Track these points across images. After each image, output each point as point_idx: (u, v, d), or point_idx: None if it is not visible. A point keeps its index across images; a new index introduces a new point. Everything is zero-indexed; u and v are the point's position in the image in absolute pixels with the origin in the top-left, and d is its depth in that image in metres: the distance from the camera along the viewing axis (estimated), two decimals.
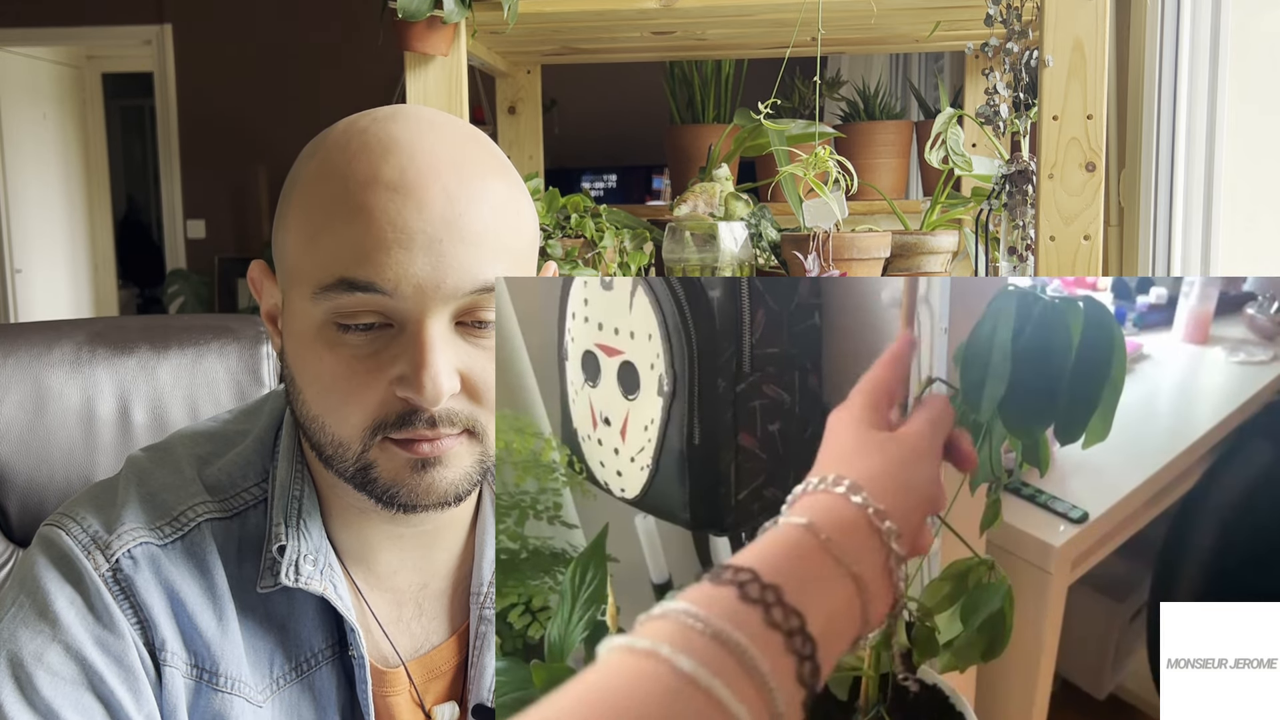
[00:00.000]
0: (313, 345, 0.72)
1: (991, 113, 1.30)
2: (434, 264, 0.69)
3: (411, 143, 0.71)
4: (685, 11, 1.43)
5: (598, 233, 1.53)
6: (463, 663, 0.85)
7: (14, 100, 5.82)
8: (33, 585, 0.75)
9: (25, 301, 5.85)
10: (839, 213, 1.36)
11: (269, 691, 0.79)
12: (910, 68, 3.41)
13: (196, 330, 1.19)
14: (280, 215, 0.75)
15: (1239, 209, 1.63)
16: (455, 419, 0.72)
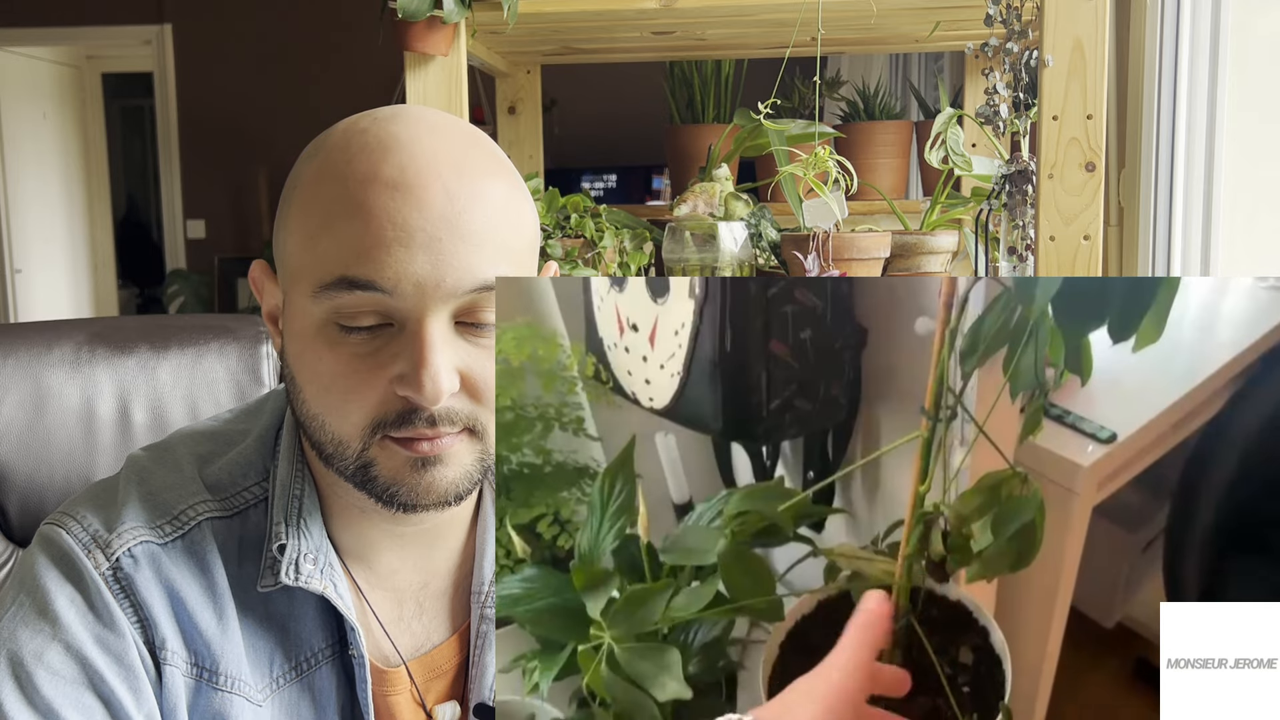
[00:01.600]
0: (313, 344, 0.72)
1: (991, 113, 1.30)
2: (434, 262, 0.69)
3: (412, 142, 0.71)
4: (685, 11, 1.43)
5: (597, 233, 1.53)
6: (464, 662, 0.85)
7: (14, 100, 5.81)
8: (33, 584, 0.75)
9: (25, 301, 5.85)
10: (839, 213, 1.36)
11: (269, 690, 0.79)
12: (910, 68, 3.41)
13: (196, 330, 1.19)
14: (281, 216, 0.76)
15: (1239, 209, 1.63)
16: (455, 418, 0.72)
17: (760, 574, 0.72)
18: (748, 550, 0.72)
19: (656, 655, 0.69)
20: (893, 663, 0.73)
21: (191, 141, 5.77)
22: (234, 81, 5.64)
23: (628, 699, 0.69)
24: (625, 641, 0.70)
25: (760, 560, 0.73)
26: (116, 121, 8.27)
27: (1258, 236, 1.65)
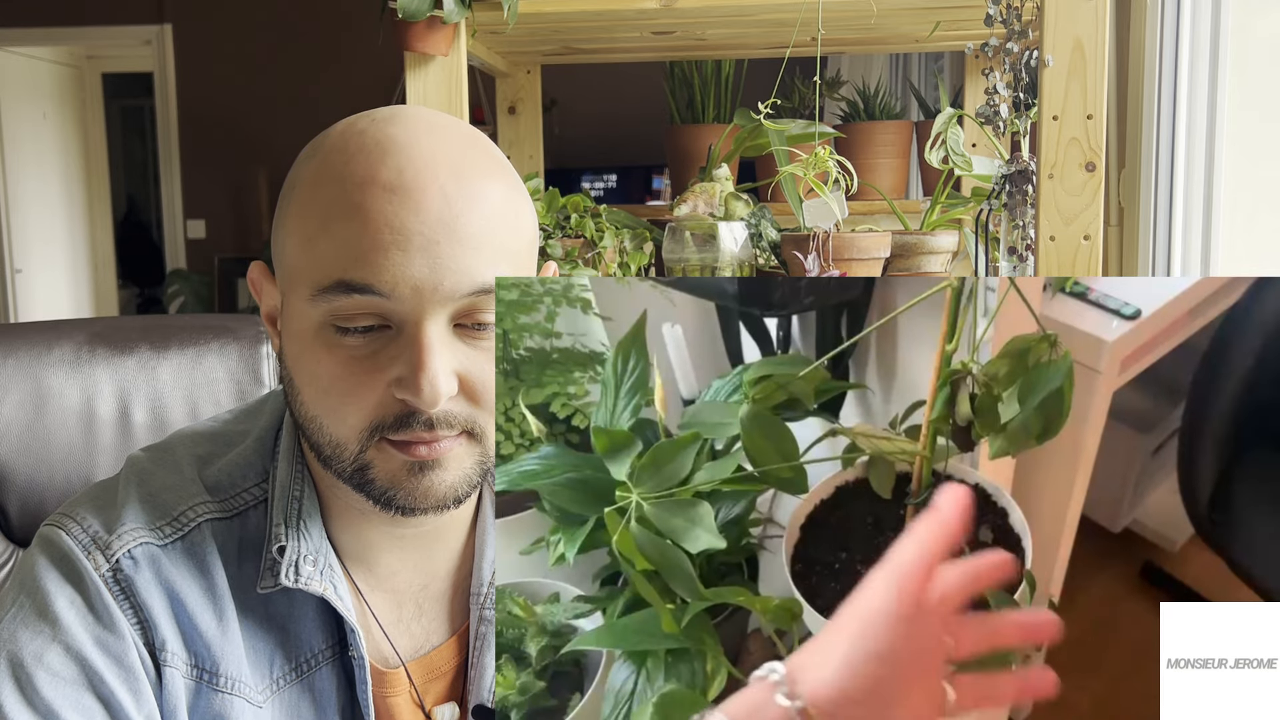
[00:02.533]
0: (311, 346, 0.72)
1: (991, 113, 1.30)
2: (431, 266, 0.69)
3: (409, 144, 0.71)
4: (685, 11, 1.43)
5: (598, 233, 1.53)
6: (463, 663, 0.85)
7: (14, 100, 5.81)
8: (33, 585, 0.75)
9: (25, 301, 5.85)
10: (839, 213, 1.36)
11: (269, 692, 0.79)
12: (910, 68, 3.41)
13: (196, 330, 1.19)
14: (279, 217, 0.75)
15: (1239, 209, 1.63)
16: (454, 421, 0.72)
17: (784, 440, 0.71)
18: (770, 415, 0.71)
19: (687, 509, 0.69)
20: None
21: (191, 141, 5.77)
22: (234, 81, 5.64)
23: (660, 554, 0.68)
24: (653, 498, 0.70)
25: (783, 426, 0.71)
26: (116, 121, 8.26)
27: (1258, 236, 1.65)
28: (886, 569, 0.57)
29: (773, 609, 0.67)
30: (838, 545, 0.75)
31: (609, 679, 0.71)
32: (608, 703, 0.70)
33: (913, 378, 0.83)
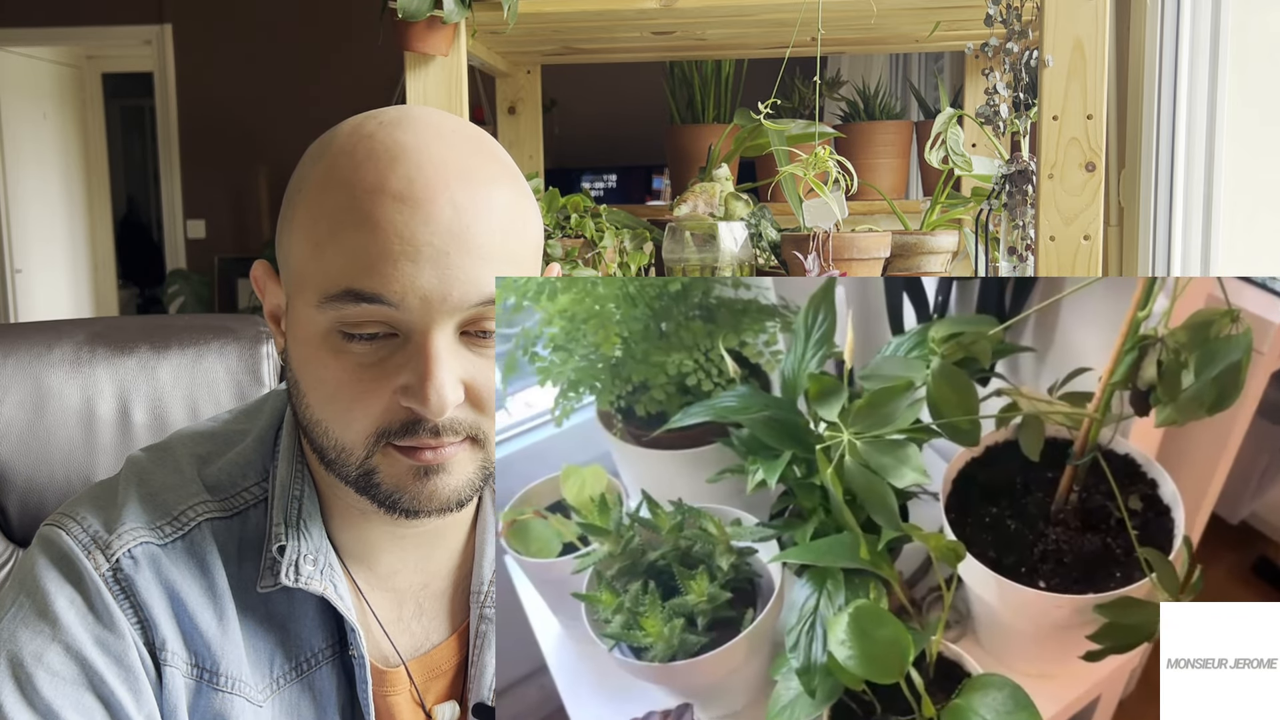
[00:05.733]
0: (317, 352, 0.72)
1: (991, 113, 1.30)
2: (440, 277, 0.69)
3: (419, 151, 0.70)
4: (685, 11, 1.43)
5: (598, 233, 1.53)
6: (463, 662, 0.85)
7: (14, 100, 5.81)
8: (33, 585, 0.75)
9: (25, 301, 5.85)
10: (839, 213, 1.36)
11: (269, 691, 0.79)
12: (910, 68, 3.41)
13: (196, 330, 1.19)
14: (285, 217, 0.75)
15: (1239, 209, 1.63)
16: (459, 428, 0.73)
17: (967, 394, 0.76)
18: (957, 370, 0.76)
19: (897, 449, 0.75)
20: (1073, 501, 0.76)
21: (191, 141, 5.77)
22: (234, 81, 5.64)
23: (869, 487, 0.75)
24: (866, 437, 0.76)
25: (968, 381, 0.76)
26: (116, 121, 8.26)
27: (1258, 236, 1.65)
28: None
29: (944, 547, 0.75)
30: (987, 499, 0.81)
31: (791, 596, 0.79)
32: (791, 614, 0.78)
33: (1073, 346, 0.87)
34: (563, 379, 1.00)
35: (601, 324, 0.96)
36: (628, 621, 0.87)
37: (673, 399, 0.96)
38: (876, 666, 0.70)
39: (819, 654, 0.74)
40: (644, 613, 0.86)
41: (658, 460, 1.00)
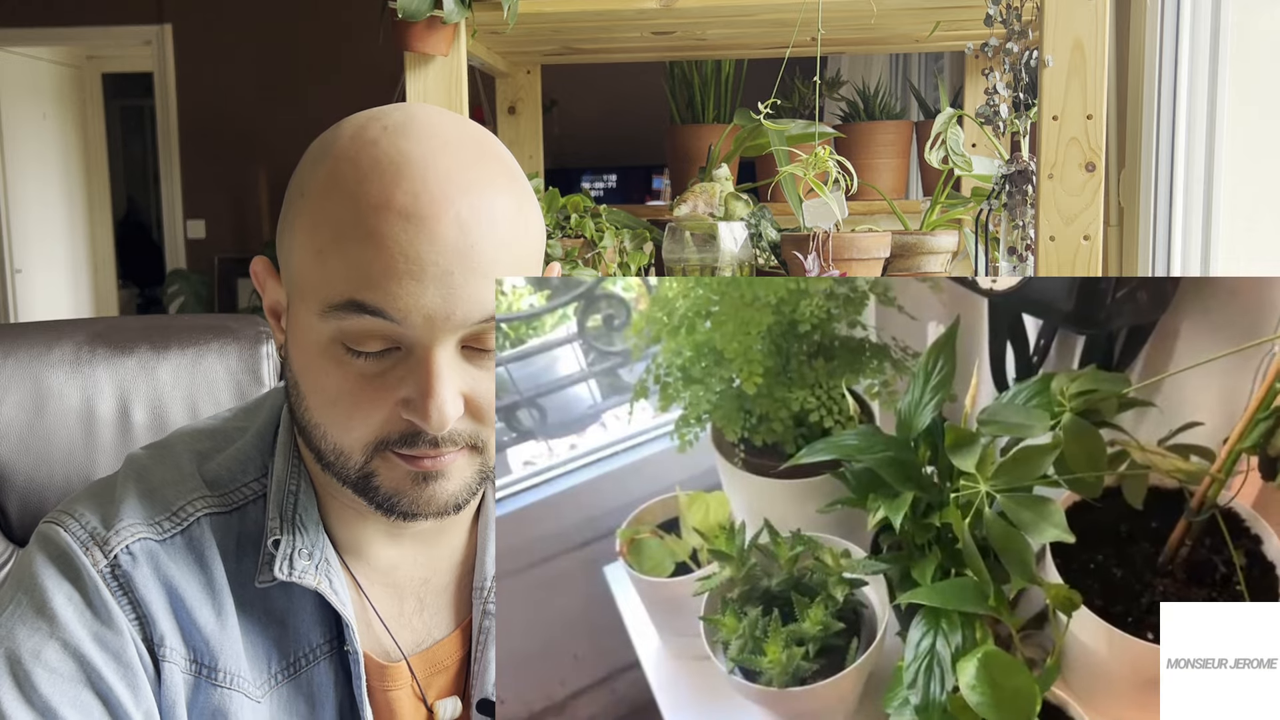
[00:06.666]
0: (319, 360, 0.72)
1: (991, 113, 1.30)
2: (445, 295, 0.69)
3: (423, 163, 0.69)
4: (685, 11, 1.43)
5: (598, 233, 1.53)
6: (465, 658, 0.85)
7: (14, 100, 5.81)
8: (31, 582, 0.75)
9: (25, 301, 5.85)
10: (839, 213, 1.36)
11: (267, 687, 0.79)
12: (910, 68, 3.41)
13: (196, 330, 1.19)
14: (286, 218, 0.75)
15: (1239, 209, 1.63)
16: (459, 439, 0.73)
17: (1095, 450, 0.77)
18: (1091, 428, 0.77)
19: (1040, 505, 0.77)
20: (1182, 553, 0.78)
21: (191, 141, 5.77)
22: (234, 81, 5.64)
23: (1006, 540, 0.77)
24: (1004, 490, 0.78)
25: (1100, 439, 0.78)
26: (116, 121, 8.26)
27: (1258, 236, 1.65)
28: None
29: (1061, 596, 0.77)
30: (1090, 547, 0.82)
31: (910, 634, 0.80)
32: (909, 651, 0.79)
33: (1184, 398, 0.88)
34: (696, 409, 1.02)
35: (747, 362, 0.98)
36: (747, 645, 0.89)
37: (789, 431, 0.97)
38: (1005, 713, 0.73)
39: (937, 692, 0.76)
40: (765, 638, 0.88)
41: (769, 488, 1.02)
